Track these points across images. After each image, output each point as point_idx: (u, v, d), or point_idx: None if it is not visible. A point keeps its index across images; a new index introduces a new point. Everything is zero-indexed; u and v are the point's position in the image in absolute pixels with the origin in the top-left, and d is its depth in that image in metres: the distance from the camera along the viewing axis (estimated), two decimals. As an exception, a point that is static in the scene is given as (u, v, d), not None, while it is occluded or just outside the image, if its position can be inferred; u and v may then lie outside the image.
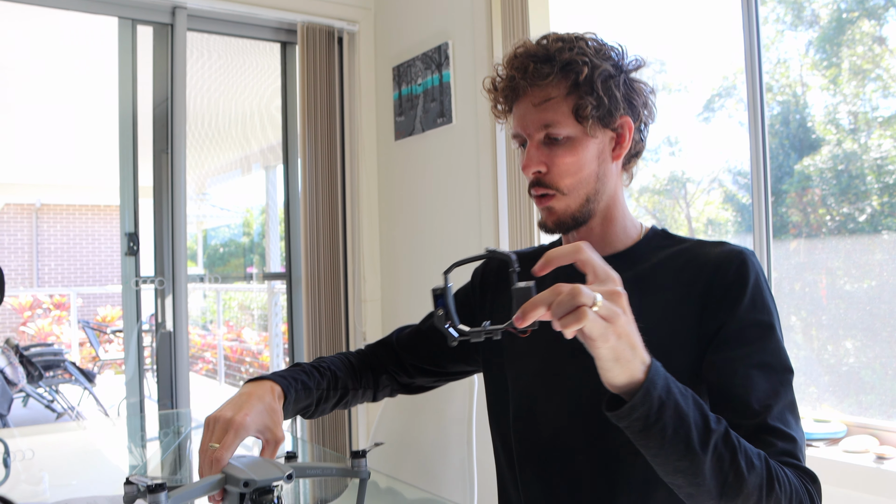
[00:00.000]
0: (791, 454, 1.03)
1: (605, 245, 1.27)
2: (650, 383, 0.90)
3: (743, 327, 1.11)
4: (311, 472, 1.19)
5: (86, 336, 8.81)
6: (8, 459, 1.78)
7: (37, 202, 11.54)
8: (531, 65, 1.18)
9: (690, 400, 0.95)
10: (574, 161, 1.19)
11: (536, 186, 1.22)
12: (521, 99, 1.22)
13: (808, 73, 2.63)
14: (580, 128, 1.19)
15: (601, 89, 1.17)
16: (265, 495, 1.02)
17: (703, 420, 0.94)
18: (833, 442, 2.12)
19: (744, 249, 1.17)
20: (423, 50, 3.38)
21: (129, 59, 3.40)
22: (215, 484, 1.05)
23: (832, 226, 2.46)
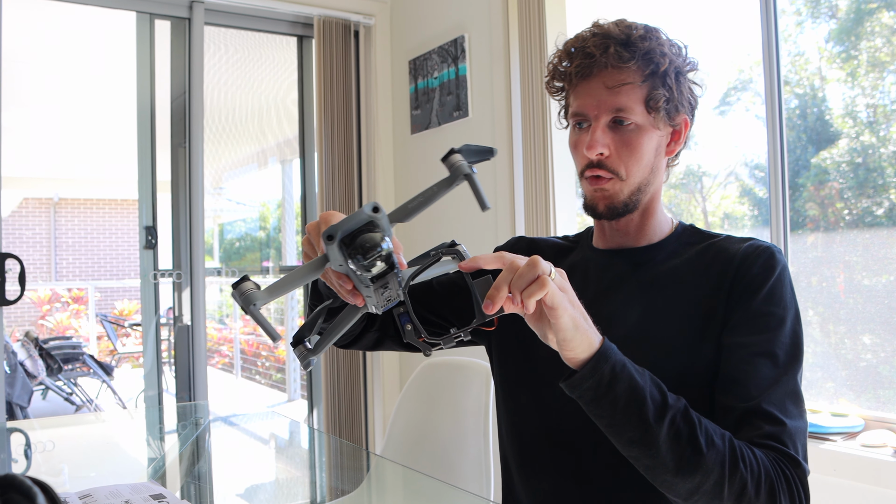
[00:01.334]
0: (776, 438, 1.03)
1: (640, 237, 1.29)
2: (601, 355, 0.94)
3: (753, 317, 1.12)
4: (414, 204, 1.01)
5: (104, 329, 8.87)
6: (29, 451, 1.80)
7: (55, 196, 11.61)
8: (612, 46, 1.18)
9: (647, 377, 0.98)
10: (639, 148, 1.20)
11: (595, 168, 1.21)
12: (592, 78, 1.20)
13: (827, 66, 2.61)
14: (648, 118, 1.19)
15: (673, 83, 1.19)
16: (361, 237, 0.85)
17: (662, 396, 0.97)
18: (851, 436, 2.12)
19: (771, 246, 1.18)
20: (440, 43, 3.38)
21: (146, 53, 3.42)
22: (317, 262, 0.91)
23: (850, 219, 2.44)
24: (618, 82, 1.18)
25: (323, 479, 1.57)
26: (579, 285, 1.29)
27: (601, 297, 1.26)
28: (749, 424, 1.05)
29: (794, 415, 1.07)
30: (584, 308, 1.15)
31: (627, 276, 1.26)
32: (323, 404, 3.64)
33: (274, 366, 7.38)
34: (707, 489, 0.97)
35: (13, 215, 11.38)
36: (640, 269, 1.26)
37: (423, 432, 1.96)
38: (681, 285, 1.20)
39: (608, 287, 1.27)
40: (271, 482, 1.53)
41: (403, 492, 1.50)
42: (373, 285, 0.89)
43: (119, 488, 1.25)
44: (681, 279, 1.21)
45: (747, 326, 1.12)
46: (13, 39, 5.01)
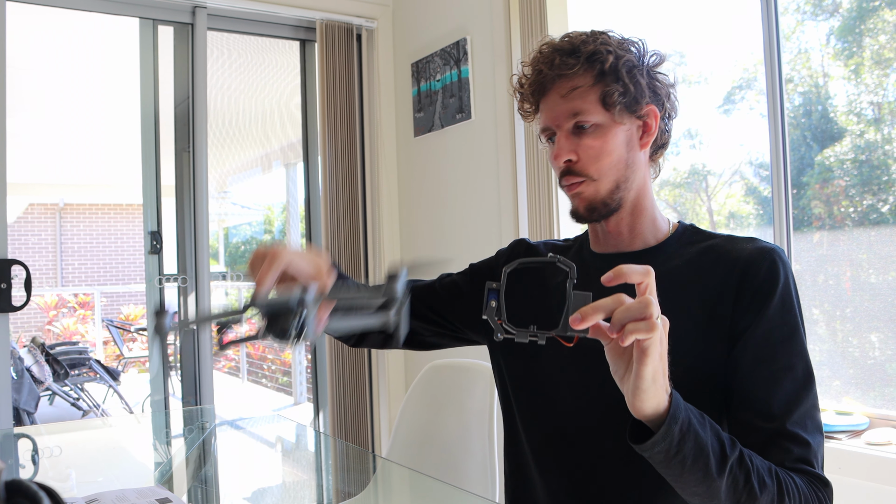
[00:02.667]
0: (806, 461, 1.06)
1: (634, 239, 1.28)
2: (672, 418, 0.93)
3: (770, 329, 1.12)
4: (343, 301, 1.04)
5: (110, 334, 8.89)
6: (36, 456, 1.81)
7: (60, 202, 11.65)
8: (557, 58, 1.21)
9: (708, 428, 0.98)
10: (602, 145, 1.21)
11: (567, 176, 1.24)
12: (548, 93, 1.24)
13: (830, 63, 2.62)
14: (608, 115, 1.21)
15: (626, 77, 1.20)
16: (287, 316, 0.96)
17: (720, 446, 0.97)
18: (855, 434, 2.12)
19: (775, 247, 1.17)
20: (442, 46, 3.39)
21: (150, 59, 3.44)
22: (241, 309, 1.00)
23: (855, 217, 2.44)
24: (568, 89, 1.21)
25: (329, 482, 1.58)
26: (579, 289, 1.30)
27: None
28: (777, 447, 1.07)
29: (815, 430, 1.09)
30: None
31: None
32: (329, 407, 3.65)
33: (280, 369, 7.40)
34: None
35: (19, 221, 11.42)
36: None
37: (428, 434, 1.97)
38: (682, 288, 1.19)
39: (606, 292, 1.26)
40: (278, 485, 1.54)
41: (409, 494, 1.51)
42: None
43: (125, 493, 1.26)
44: (682, 281, 1.20)
45: (763, 339, 1.12)
46: (18, 47, 5.04)
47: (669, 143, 1.32)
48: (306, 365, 6.44)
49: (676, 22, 3.30)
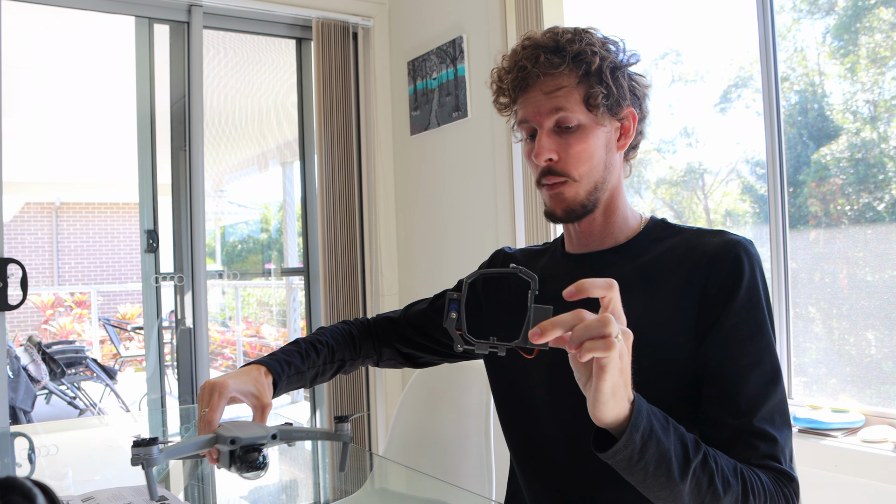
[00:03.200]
0: (772, 457, 1.07)
1: (605, 237, 1.29)
2: (633, 426, 0.93)
3: (736, 324, 1.12)
4: (297, 436, 1.28)
5: (106, 333, 8.89)
6: (32, 455, 1.81)
7: (56, 201, 11.63)
8: (542, 55, 1.20)
9: (671, 432, 0.97)
10: (585, 148, 1.21)
11: (548, 175, 1.23)
12: (530, 89, 1.23)
13: (826, 62, 2.62)
14: (591, 116, 1.21)
15: (610, 79, 1.20)
16: (251, 453, 1.12)
17: (684, 451, 0.97)
18: (851, 432, 2.12)
19: (741, 240, 1.18)
20: (438, 44, 3.39)
21: (146, 57, 3.44)
22: (206, 442, 1.14)
23: (851, 215, 2.45)
24: (553, 87, 1.21)
25: (326, 481, 1.58)
26: (550, 291, 1.30)
27: (573, 303, 1.25)
28: (744, 443, 1.07)
29: (783, 425, 1.09)
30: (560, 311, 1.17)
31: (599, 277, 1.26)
32: (325, 406, 3.65)
33: (277, 368, 7.37)
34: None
35: (15, 220, 11.40)
36: (608, 271, 1.25)
37: (424, 433, 1.97)
38: (652, 283, 1.20)
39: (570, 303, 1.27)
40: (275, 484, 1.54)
41: (406, 492, 1.51)
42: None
43: (122, 491, 1.26)
44: (652, 277, 1.21)
45: (729, 335, 1.12)
46: (13, 45, 5.03)
47: (640, 143, 1.33)
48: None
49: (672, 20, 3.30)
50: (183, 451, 1.14)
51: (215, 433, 1.16)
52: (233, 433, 1.13)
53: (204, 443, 1.15)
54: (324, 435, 1.32)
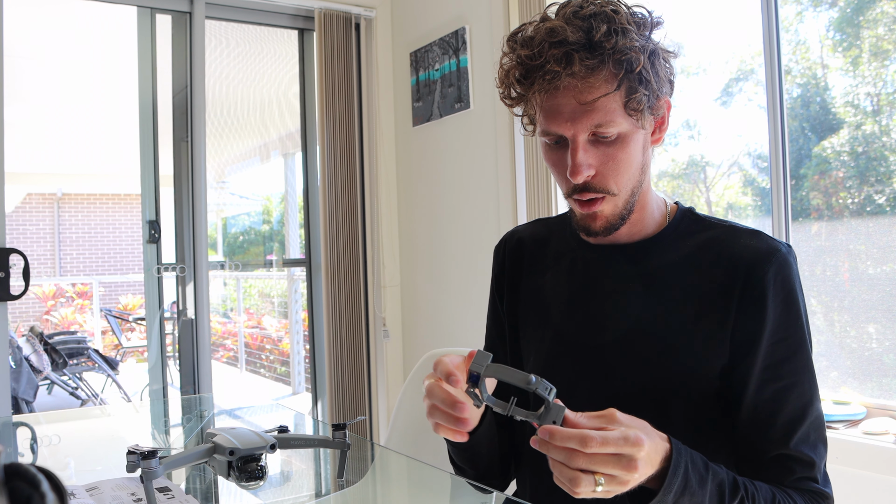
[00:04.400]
0: (809, 478, 1.06)
1: (631, 231, 1.19)
2: (666, 488, 0.92)
3: (776, 343, 1.08)
4: (295, 444, 1.31)
5: (108, 324, 8.89)
6: (35, 445, 1.81)
7: (58, 192, 11.63)
8: (575, 55, 1.00)
9: (709, 482, 0.96)
10: (626, 158, 1.08)
11: (583, 192, 1.09)
12: (559, 93, 1.04)
13: (828, 55, 2.61)
14: (631, 121, 1.06)
15: (650, 75, 1.04)
16: (250, 463, 1.15)
17: (720, 497, 0.97)
18: (853, 424, 2.12)
19: (780, 246, 1.10)
20: (440, 35, 3.38)
21: (148, 47, 3.43)
22: (204, 452, 1.17)
23: (853, 208, 2.44)
24: (591, 96, 1.02)
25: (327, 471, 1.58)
26: (566, 279, 1.25)
27: (594, 297, 1.21)
28: (780, 466, 1.06)
29: (819, 442, 1.08)
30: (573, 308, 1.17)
31: (622, 274, 1.19)
32: (327, 397, 3.65)
33: (278, 359, 7.40)
34: None
35: (17, 211, 11.40)
36: (635, 267, 1.18)
37: (426, 423, 1.97)
38: (681, 283, 1.13)
39: (602, 286, 1.20)
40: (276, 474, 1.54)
41: (408, 481, 1.51)
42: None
43: (125, 481, 1.26)
44: (680, 276, 1.14)
45: (768, 355, 1.07)
46: (15, 35, 5.02)
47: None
48: (304, 355, 6.45)
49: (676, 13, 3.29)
50: (182, 461, 1.17)
51: (213, 443, 1.18)
52: (232, 444, 1.15)
53: (202, 453, 1.18)
54: (322, 443, 1.35)
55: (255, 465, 1.15)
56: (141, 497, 1.17)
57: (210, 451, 1.18)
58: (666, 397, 1.12)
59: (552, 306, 1.26)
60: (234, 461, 1.15)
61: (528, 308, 1.31)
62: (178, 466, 1.17)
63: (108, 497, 1.17)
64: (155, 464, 1.08)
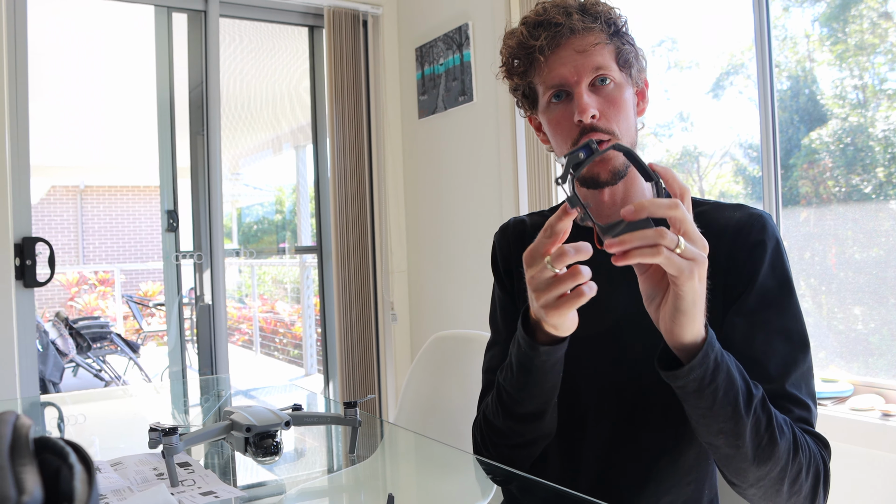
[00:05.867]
0: (807, 421, 1.02)
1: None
2: (709, 345, 0.89)
3: (763, 294, 1.07)
4: (308, 421, 1.31)
5: (129, 310, 8.92)
6: (62, 424, 1.81)
7: (81, 184, 11.65)
8: (574, 13, 1.13)
9: (734, 364, 0.93)
10: (623, 105, 1.14)
11: (589, 133, 1.11)
12: (560, 48, 1.13)
13: (816, 49, 2.60)
14: (623, 74, 1.15)
15: (632, 41, 1.17)
16: (265, 439, 1.15)
17: (746, 384, 0.93)
18: (840, 400, 2.12)
19: (762, 213, 1.12)
20: (445, 31, 3.37)
21: (165, 45, 3.42)
22: (222, 430, 1.18)
23: (840, 196, 2.43)
24: (589, 44, 1.12)
25: (339, 447, 1.58)
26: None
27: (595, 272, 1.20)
28: (780, 408, 1.01)
29: (813, 392, 1.05)
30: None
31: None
32: (338, 377, 3.66)
33: (292, 342, 7.42)
34: (774, 476, 0.94)
35: (42, 202, 11.43)
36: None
37: (433, 402, 1.97)
38: None
39: (596, 269, 1.20)
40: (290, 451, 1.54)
41: (416, 457, 1.51)
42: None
43: (147, 457, 1.26)
44: None
45: (757, 304, 1.07)
46: (40, 34, 5.01)
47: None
48: (316, 338, 6.47)
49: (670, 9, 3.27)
50: (201, 438, 1.17)
51: (231, 420, 1.18)
52: (248, 421, 1.16)
53: (220, 430, 1.18)
54: (334, 420, 1.35)
55: (270, 442, 1.16)
56: (162, 471, 1.17)
57: (227, 427, 1.19)
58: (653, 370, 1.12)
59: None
60: (251, 437, 1.16)
61: None
62: (198, 443, 1.17)
63: (131, 472, 1.18)
64: (175, 440, 1.09)
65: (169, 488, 1.08)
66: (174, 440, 1.08)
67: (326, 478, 1.38)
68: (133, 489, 1.09)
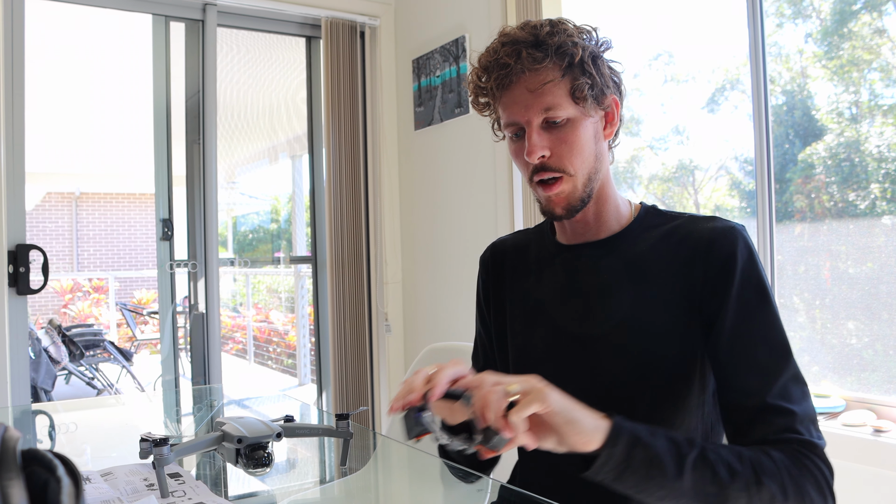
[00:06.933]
0: (790, 429, 1.01)
1: (599, 227, 1.24)
2: (612, 437, 0.91)
3: (738, 308, 1.08)
4: (300, 433, 1.31)
5: (123, 317, 8.90)
6: (53, 432, 1.81)
7: (76, 191, 11.64)
8: (523, 50, 1.13)
9: (659, 436, 0.95)
10: (577, 141, 1.15)
11: (541, 172, 1.16)
12: (513, 86, 1.15)
13: (810, 65, 2.61)
14: (578, 108, 1.15)
15: (592, 69, 1.15)
16: (257, 451, 1.16)
17: (675, 449, 0.94)
18: (832, 416, 2.12)
19: (735, 225, 1.13)
20: (441, 43, 3.38)
21: (162, 54, 3.43)
22: (213, 440, 1.18)
23: (834, 211, 2.44)
24: (539, 83, 1.13)
25: (331, 459, 1.58)
26: (549, 283, 1.27)
27: (574, 295, 1.23)
28: (762, 422, 1.03)
29: (800, 398, 1.04)
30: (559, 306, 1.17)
31: (595, 270, 1.22)
32: (331, 388, 3.65)
33: (285, 352, 7.41)
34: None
35: (37, 209, 11.41)
36: (607, 260, 1.21)
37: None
38: (651, 272, 1.16)
39: (579, 284, 1.23)
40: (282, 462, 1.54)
41: (408, 469, 1.51)
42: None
43: (138, 467, 1.26)
44: (650, 266, 1.17)
45: (733, 319, 1.08)
46: (37, 41, 5.02)
47: (620, 127, 1.27)
48: (310, 348, 6.46)
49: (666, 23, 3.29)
50: (192, 449, 1.17)
51: (222, 431, 1.18)
52: (240, 432, 1.16)
53: (211, 441, 1.18)
54: (326, 432, 1.35)
55: (261, 453, 1.16)
56: (153, 482, 1.17)
57: (219, 439, 1.18)
58: (637, 386, 1.14)
59: (539, 305, 1.28)
60: (242, 449, 1.16)
61: (516, 310, 1.32)
62: (189, 453, 1.17)
63: (121, 482, 1.18)
64: (166, 450, 1.09)
65: (159, 499, 1.07)
66: (165, 451, 1.08)
67: (318, 489, 1.37)
68: (123, 500, 1.09)
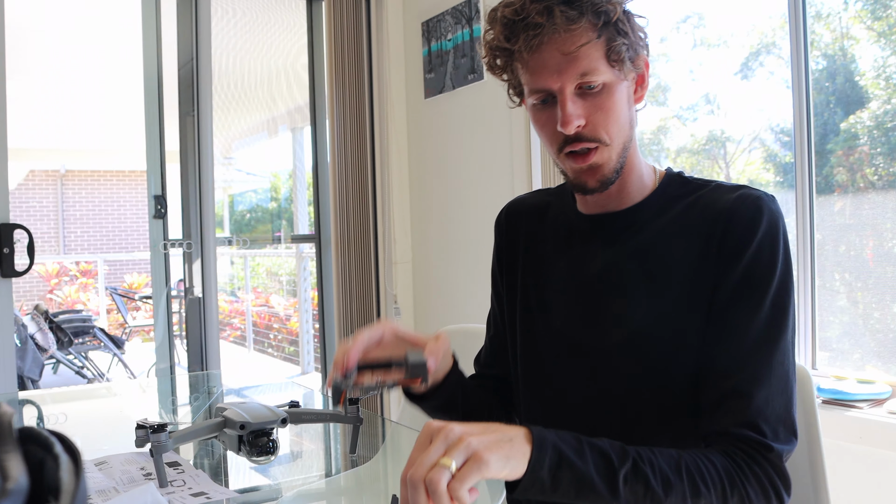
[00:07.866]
0: (750, 424, 1.01)
1: (622, 198, 1.21)
2: (534, 464, 0.89)
3: (734, 287, 1.07)
4: (307, 418, 1.32)
5: (113, 303, 8.94)
6: (41, 424, 1.82)
7: (62, 168, 11.65)
8: (556, 8, 1.06)
9: (586, 451, 0.94)
10: (613, 107, 1.11)
11: (574, 142, 1.11)
12: (543, 48, 1.08)
13: (855, 25, 2.58)
14: (614, 71, 1.10)
15: (627, 27, 1.10)
16: (261, 437, 1.16)
17: (606, 464, 0.93)
18: (878, 403, 2.12)
19: (762, 195, 1.10)
20: (453, 4, 3.36)
21: (152, 18, 3.42)
22: (214, 426, 1.18)
23: (879, 185, 2.42)
24: (574, 45, 1.07)
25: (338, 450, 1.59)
26: (562, 248, 1.27)
27: (583, 293, 1.22)
28: (723, 410, 1.03)
29: (776, 391, 1.03)
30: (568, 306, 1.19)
31: (612, 244, 1.20)
32: (337, 376, 3.66)
33: (287, 338, 7.43)
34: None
35: (19, 188, 11.44)
36: (624, 235, 1.20)
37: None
38: (668, 249, 1.14)
39: (591, 279, 1.22)
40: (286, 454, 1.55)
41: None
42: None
43: (134, 456, 1.26)
44: (668, 242, 1.15)
45: (726, 300, 1.08)
46: (19, 8, 5.02)
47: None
48: (314, 334, 6.48)
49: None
50: (192, 435, 1.18)
51: (224, 417, 1.18)
52: (243, 418, 1.16)
53: (212, 427, 1.18)
54: (334, 417, 1.35)
55: (266, 440, 1.16)
56: (150, 471, 1.18)
57: (220, 425, 1.18)
58: (648, 392, 1.14)
59: (548, 301, 1.27)
60: (245, 435, 1.16)
61: (528, 286, 1.32)
62: (188, 440, 1.17)
63: (117, 472, 1.18)
64: (165, 437, 1.09)
65: (157, 488, 1.08)
66: (163, 438, 1.09)
67: (325, 481, 1.38)
68: (119, 489, 1.09)
